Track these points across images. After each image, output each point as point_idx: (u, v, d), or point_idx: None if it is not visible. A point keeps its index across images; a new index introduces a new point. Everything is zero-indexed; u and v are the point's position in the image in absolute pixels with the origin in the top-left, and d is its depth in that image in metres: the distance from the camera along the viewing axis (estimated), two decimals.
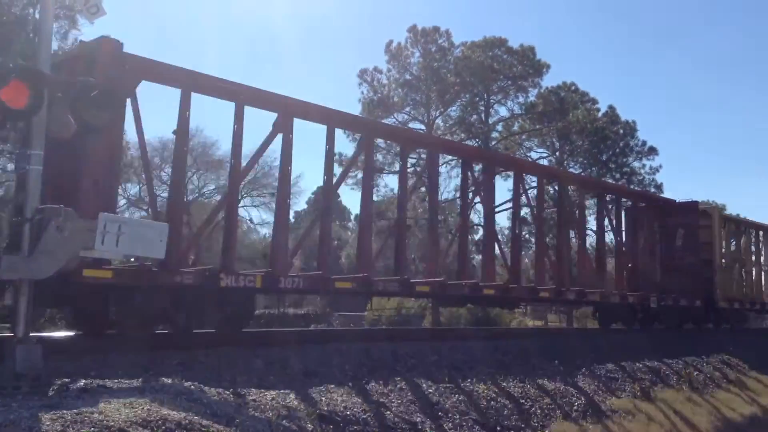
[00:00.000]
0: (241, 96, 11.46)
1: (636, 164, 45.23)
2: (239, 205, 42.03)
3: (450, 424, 9.54)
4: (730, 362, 19.11)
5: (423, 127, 41.37)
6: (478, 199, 18.88)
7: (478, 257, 30.25)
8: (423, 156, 24.01)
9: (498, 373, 11.94)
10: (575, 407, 11.83)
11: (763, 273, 27.77)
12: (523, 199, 17.81)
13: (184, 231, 13.39)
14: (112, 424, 5.57)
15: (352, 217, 60.19)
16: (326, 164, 12.87)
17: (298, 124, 12.28)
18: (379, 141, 33.91)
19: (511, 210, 23.26)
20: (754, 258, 27.23)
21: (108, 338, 10.16)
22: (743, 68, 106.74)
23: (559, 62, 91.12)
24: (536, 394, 11.62)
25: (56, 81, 7.47)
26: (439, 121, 43.06)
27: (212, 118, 52.98)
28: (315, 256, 14.64)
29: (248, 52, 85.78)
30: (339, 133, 14.28)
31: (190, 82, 10.81)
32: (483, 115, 43.17)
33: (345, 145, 36.86)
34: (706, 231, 22.82)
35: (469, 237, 21.27)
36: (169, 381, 7.65)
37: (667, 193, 41.31)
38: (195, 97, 10.95)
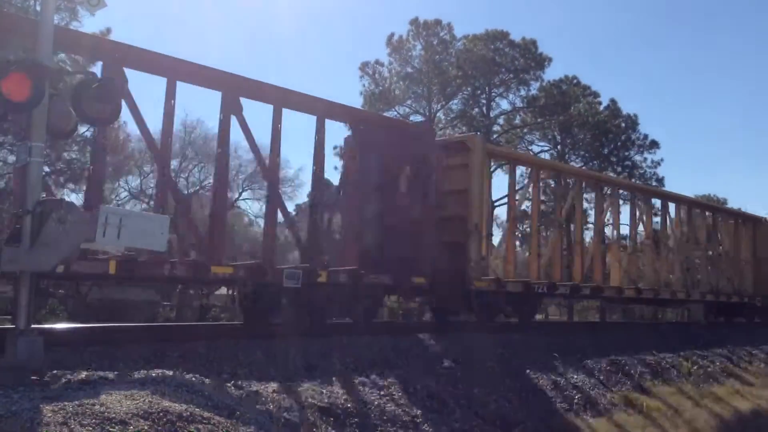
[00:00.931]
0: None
1: (638, 158, 45.27)
2: (240, 198, 41.87)
3: (451, 418, 9.57)
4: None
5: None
6: None
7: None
8: None
9: (498, 367, 11.95)
10: (575, 401, 11.85)
11: (592, 243, 19.86)
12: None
13: (184, 224, 13.40)
14: (114, 415, 5.58)
15: None
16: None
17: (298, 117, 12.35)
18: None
19: None
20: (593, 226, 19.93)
21: (109, 330, 10.19)
22: (746, 62, 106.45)
23: (560, 55, 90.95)
24: (536, 388, 11.64)
25: (57, 73, 7.47)
26: (440, 114, 43.07)
27: (215, 112, 52.90)
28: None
29: (248, 42, 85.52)
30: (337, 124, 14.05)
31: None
32: (485, 109, 43.19)
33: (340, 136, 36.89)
34: (457, 173, 14.82)
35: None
36: (171, 373, 7.67)
37: (669, 187, 41.12)
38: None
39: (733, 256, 25.72)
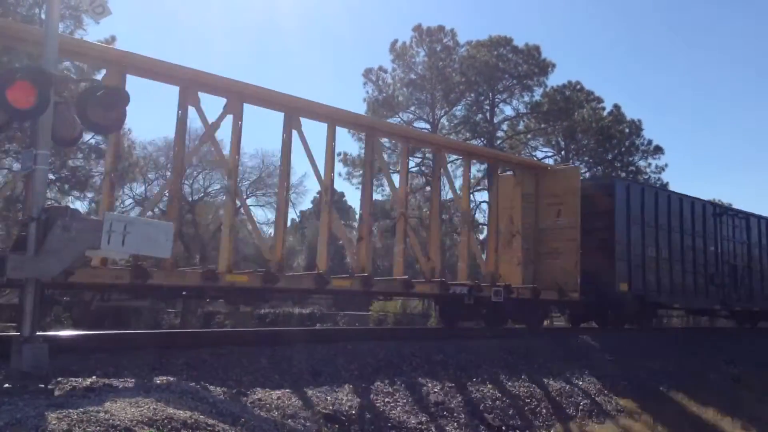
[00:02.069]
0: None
1: (642, 163, 45.18)
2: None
3: (455, 424, 9.54)
4: None
5: (428, 126, 41.36)
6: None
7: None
8: (429, 156, 23.59)
9: (503, 373, 11.92)
10: (581, 407, 11.80)
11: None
12: None
13: (189, 230, 13.44)
14: (118, 423, 5.57)
15: (357, 217, 60.43)
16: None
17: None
18: (384, 140, 34.00)
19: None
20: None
21: (114, 338, 10.19)
22: (751, 65, 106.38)
23: (564, 61, 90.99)
24: (541, 394, 11.60)
25: (62, 80, 7.49)
26: (444, 120, 43.06)
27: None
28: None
29: (254, 50, 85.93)
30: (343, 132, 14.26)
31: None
32: (488, 115, 43.13)
33: (349, 143, 36.97)
34: None
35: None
36: (175, 380, 7.66)
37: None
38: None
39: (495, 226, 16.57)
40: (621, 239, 18.02)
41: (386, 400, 9.36)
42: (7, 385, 6.49)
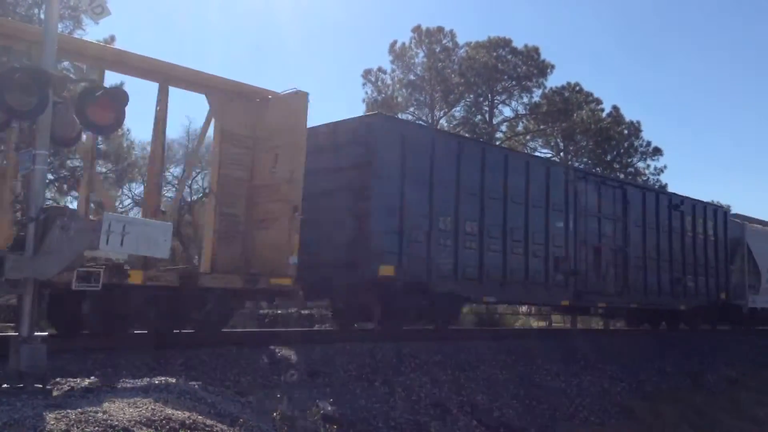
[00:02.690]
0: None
1: (641, 164, 45.25)
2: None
3: (454, 425, 9.54)
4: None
5: None
6: None
7: None
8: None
9: (502, 374, 11.92)
10: (579, 408, 11.80)
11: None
12: None
13: (188, 230, 13.39)
14: (116, 423, 5.57)
15: None
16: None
17: None
18: None
19: None
20: None
21: (112, 338, 10.17)
22: (751, 65, 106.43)
23: (563, 62, 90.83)
24: (540, 395, 11.60)
25: (61, 80, 7.49)
26: (443, 121, 43.10)
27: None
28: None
29: (252, 51, 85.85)
30: None
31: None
32: (487, 116, 43.19)
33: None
34: None
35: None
36: (174, 380, 7.66)
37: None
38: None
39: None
40: (386, 202, 12.75)
41: (385, 400, 9.36)
42: (5, 385, 6.49)
